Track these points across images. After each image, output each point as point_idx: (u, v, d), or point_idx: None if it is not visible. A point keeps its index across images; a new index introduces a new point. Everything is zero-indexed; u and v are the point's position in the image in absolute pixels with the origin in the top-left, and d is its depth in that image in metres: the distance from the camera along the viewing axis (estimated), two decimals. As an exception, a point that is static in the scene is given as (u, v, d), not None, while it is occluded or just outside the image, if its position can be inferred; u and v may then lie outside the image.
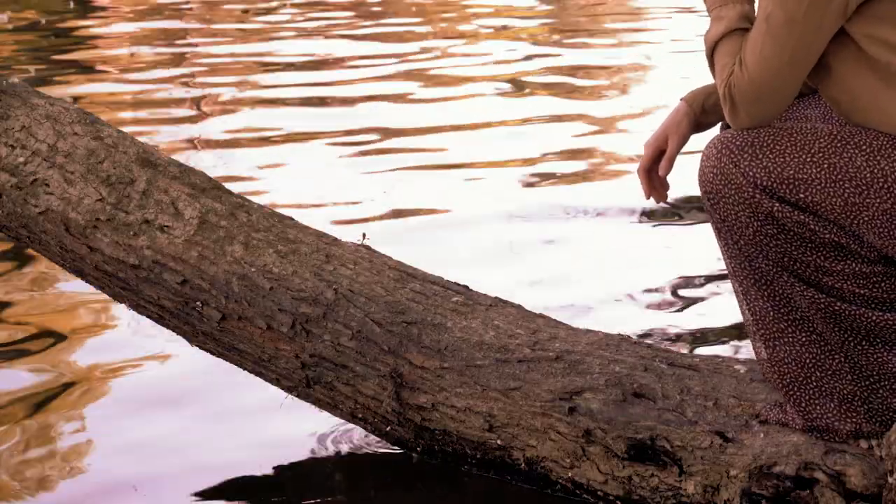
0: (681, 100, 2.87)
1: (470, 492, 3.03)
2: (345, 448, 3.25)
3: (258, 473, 3.18)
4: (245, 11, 9.39)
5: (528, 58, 8.27)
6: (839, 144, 2.60)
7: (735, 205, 2.63)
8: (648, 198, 2.91)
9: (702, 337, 3.92)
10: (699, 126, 2.87)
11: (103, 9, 9.98)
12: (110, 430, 3.42)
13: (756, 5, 2.64)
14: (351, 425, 3.23)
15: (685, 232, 4.94)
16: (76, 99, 7.21)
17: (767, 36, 2.55)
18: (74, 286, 4.15)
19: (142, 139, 3.33)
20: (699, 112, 2.85)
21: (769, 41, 2.55)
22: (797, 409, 2.74)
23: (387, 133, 6.43)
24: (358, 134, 6.44)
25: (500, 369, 2.97)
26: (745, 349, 3.70)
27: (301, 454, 3.24)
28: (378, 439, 3.18)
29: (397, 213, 5.18)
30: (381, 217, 5.13)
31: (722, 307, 4.10)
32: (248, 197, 3.27)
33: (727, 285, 4.19)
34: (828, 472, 2.68)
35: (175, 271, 3.13)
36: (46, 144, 3.21)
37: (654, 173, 2.88)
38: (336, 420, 3.23)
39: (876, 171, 2.58)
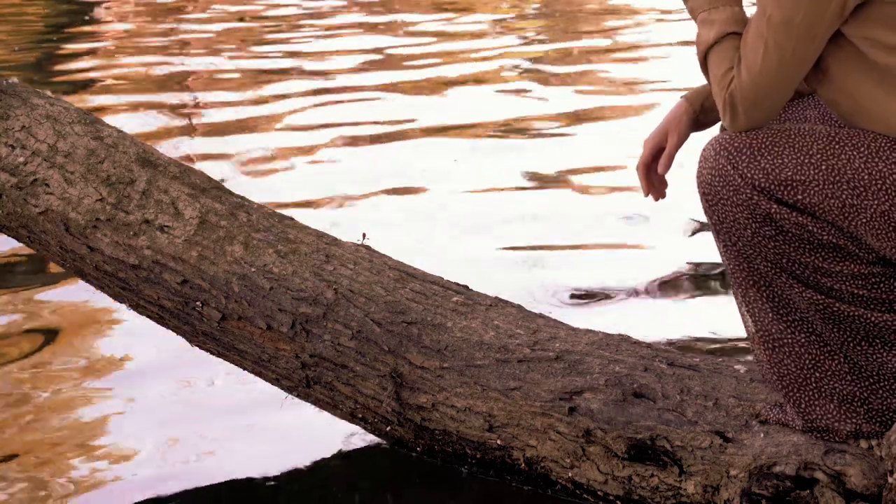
0: (681, 97, 2.85)
1: (470, 492, 3.03)
2: (345, 448, 3.25)
3: (258, 474, 3.18)
4: None
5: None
6: (837, 146, 2.59)
7: (733, 206, 2.62)
8: (647, 195, 2.89)
9: (702, 337, 3.91)
10: (699, 124, 2.86)
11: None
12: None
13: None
14: (351, 425, 3.23)
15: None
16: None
17: (768, 38, 2.54)
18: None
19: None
20: (699, 110, 2.83)
21: (770, 42, 2.54)
22: (797, 409, 2.73)
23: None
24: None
25: (500, 369, 2.97)
26: (745, 349, 3.69)
27: (301, 454, 3.24)
28: (378, 439, 3.18)
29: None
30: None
31: (722, 307, 4.09)
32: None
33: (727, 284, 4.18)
34: (828, 472, 2.68)
35: (175, 271, 3.12)
36: (46, 144, 3.21)
37: (652, 171, 2.87)
38: (336, 420, 3.22)
39: (874, 172, 2.57)
